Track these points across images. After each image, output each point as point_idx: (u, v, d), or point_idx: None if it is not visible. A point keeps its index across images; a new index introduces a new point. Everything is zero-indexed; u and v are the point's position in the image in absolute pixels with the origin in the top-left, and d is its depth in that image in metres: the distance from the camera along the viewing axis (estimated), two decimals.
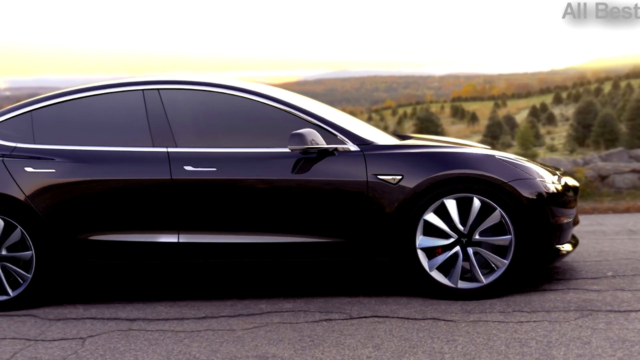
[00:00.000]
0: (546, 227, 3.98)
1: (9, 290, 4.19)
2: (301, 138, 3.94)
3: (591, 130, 61.87)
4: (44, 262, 4.15)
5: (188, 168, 4.09)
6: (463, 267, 3.99)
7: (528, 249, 3.94)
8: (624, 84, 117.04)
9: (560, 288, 4.10)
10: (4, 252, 4.19)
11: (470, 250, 3.97)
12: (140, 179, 4.10)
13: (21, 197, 4.14)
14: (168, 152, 4.13)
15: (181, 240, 4.10)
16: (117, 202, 4.11)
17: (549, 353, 3.06)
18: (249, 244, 4.08)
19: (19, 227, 4.15)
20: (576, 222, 4.46)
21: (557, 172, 4.42)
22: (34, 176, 4.15)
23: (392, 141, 4.46)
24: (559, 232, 4.11)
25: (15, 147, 4.25)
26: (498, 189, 3.92)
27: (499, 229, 3.97)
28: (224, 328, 3.66)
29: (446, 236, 3.98)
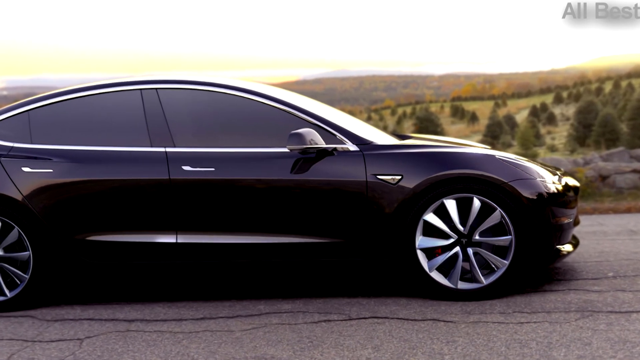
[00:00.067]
0: (547, 227, 3.97)
1: (6, 291, 4.17)
2: (300, 138, 3.92)
3: (592, 130, 61.90)
4: (41, 262, 4.13)
5: (186, 168, 4.07)
6: (463, 267, 3.98)
7: (528, 249, 3.92)
8: (625, 83, 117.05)
9: (561, 289, 4.09)
10: (1, 252, 4.17)
11: (470, 251, 3.96)
12: (138, 179, 4.09)
13: (18, 197, 4.12)
14: (166, 152, 4.12)
15: (179, 240, 4.09)
16: (115, 203, 4.10)
17: (549, 354, 3.05)
18: (247, 244, 4.06)
19: (16, 227, 4.13)
20: (577, 222, 4.45)
21: (558, 172, 4.40)
22: (31, 176, 4.14)
23: (392, 141, 4.45)
24: (560, 233, 4.10)
25: (12, 147, 4.23)
26: (498, 189, 3.91)
27: (499, 229, 3.96)
28: (222, 329, 3.65)
29: (446, 236, 3.97)
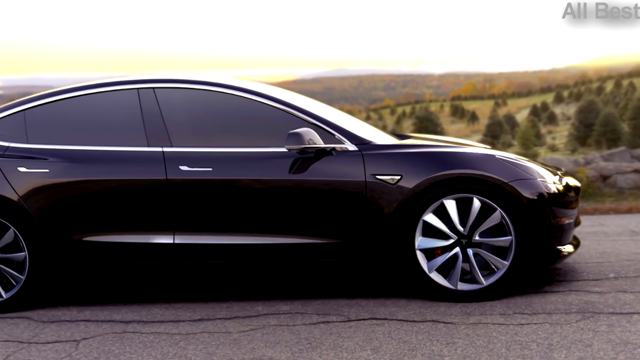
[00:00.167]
0: (547, 228, 3.96)
1: (2, 292, 4.15)
2: (298, 137, 3.91)
3: (593, 130, 61.88)
4: (37, 263, 4.12)
5: (184, 168, 4.06)
6: (463, 268, 3.97)
7: (529, 250, 3.91)
8: (626, 82, 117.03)
9: (562, 290, 4.08)
10: None
11: (470, 252, 3.95)
12: (135, 179, 4.07)
13: (14, 197, 4.10)
14: (163, 151, 4.10)
15: (177, 241, 4.07)
16: (112, 203, 4.08)
17: (550, 356, 3.04)
18: (245, 245, 4.05)
19: (12, 228, 4.12)
20: (577, 222, 4.45)
21: (558, 172, 4.40)
22: (27, 176, 4.12)
23: (391, 141, 4.44)
24: (560, 233, 4.09)
25: (8, 147, 4.21)
26: (498, 189, 3.90)
27: (499, 229, 3.95)
28: (220, 330, 3.64)
29: (446, 237, 3.96)
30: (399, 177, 3.95)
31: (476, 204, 3.91)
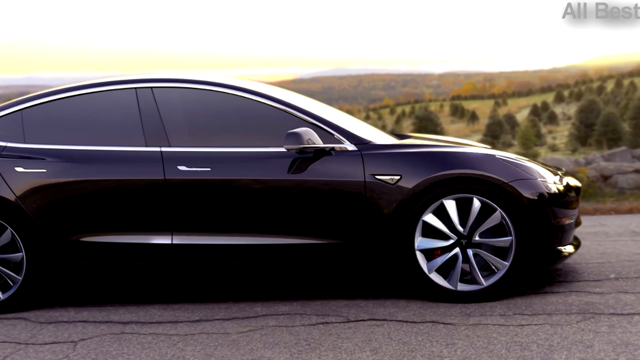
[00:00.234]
0: (547, 228, 3.94)
1: None
2: (297, 137, 3.89)
3: (593, 130, 61.87)
4: (34, 264, 4.10)
5: (182, 168, 4.04)
6: (463, 269, 3.95)
7: (529, 250, 3.90)
8: (627, 82, 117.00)
9: (562, 290, 4.07)
10: None
11: (470, 252, 3.93)
12: (133, 179, 4.06)
13: (11, 197, 4.09)
14: (161, 151, 4.09)
15: (175, 241, 4.05)
16: (110, 203, 4.06)
17: (550, 357, 3.03)
18: (244, 245, 4.03)
19: (9, 228, 4.10)
20: (578, 223, 4.44)
21: (559, 172, 4.39)
22: (25, 176, 4.10)
23: (391, 140, 4.42)
24: (561, 234, 4.07)
25: (5, 147, 4.20)
26: (498, 189, 3.88)
27: (499, 230, 3.94)
28: (218, 331, 3.63)
29: (445, 237, 3.94)
30: (398, 177, 3.94)
31: (476, 204, 3.89)
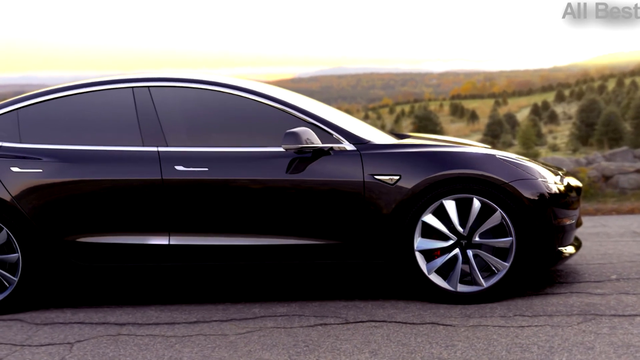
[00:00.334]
0: (548, 228, 3.93)
1: None
2: (296, 137, 3.87)
3: (594, 129, 61.81)
4: (30, 264, 4.08)
5: (179, 168, 4.02)
6: (462, 270, 3.94)
7: (529, 251, 3.88)
8: (628, 81, 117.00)
9: (563, 292, 4.06)
10: None
11: (470, 253, 3.92)
12: (130, 179, 4.04)
13: (7, 197, 4.07)
14: (158, 151, 4.07)
15: (172, 242, 4.04)
16: (106, 203, 4.05)
17: (551, 358, 3.02)
18: (241, 246, 4.02)
19: (5, 228, 4.08)
20: (579, 223, 4.42)
21: (560, 172, 4.38)
22: (21, 176, 4.08)
23: (390, 140, 4.41)
24: (562, 234, 4.06)
25: (0, 147, 4.18)
26: (498, 189, 3.86)
27: (499, 230, 3.92)
28: (216, 333, 3.62)
29: (445, 238, 3.93)
30: (397, 177, 3.92)
31: (476, 204, 3.88)
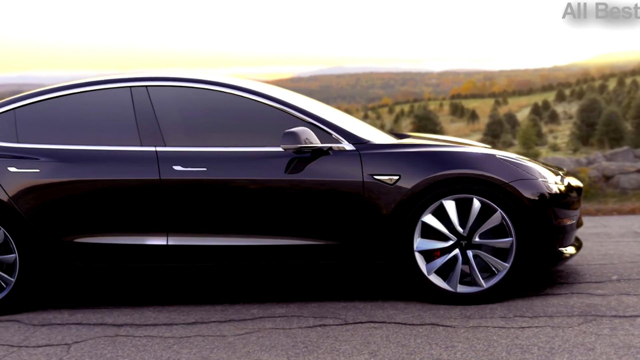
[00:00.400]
0: (549, 229, 3.91)
1: None
2: (294, 137, 3.86)
3: (595, 129, 61.77)
4: (28, 265, 4.06)
5: (177, 168, 4.01)
6: (462, 270, 3.93)
7: (530, 251, 3.87)
8: (629, 80, 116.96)
9: (563, 292, 4.04)
10: None
11: (470, 253, 3.90)
12: (128, 179, 4.03)
13: (4, 198, 4.06)
14: (156, 151, 4.05)
15: (170, 242, 4.03)
16: (104, 204, 4.03)
17: None
18: (240, 246, 4.00)
19: (2, 229, 4.06)
20: (580, 224, 4.42)
21: (560, 172, 4.37)
22: (18, 176, 4.07)
23: (389, 140, 4.39)
24: (562, 235, 4.05)
25: None
26: (499, 189, 3.85)
27: (499, 231, 3.91)
28: (214, 334, 3.60)
29: (445, 238, 3.91)
30: (397, 177, 3.90)
31: (476, 204, 3.86)
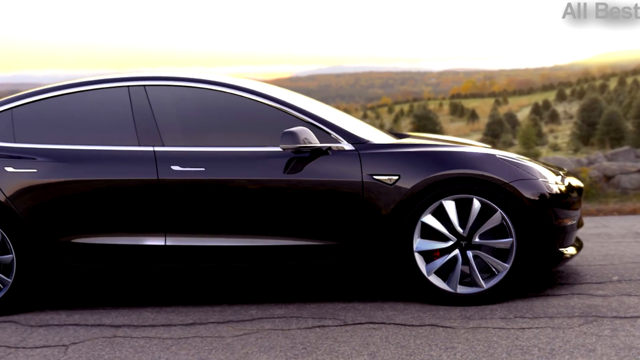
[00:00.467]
0: (549, 229, 3.90)
1: None
2: (293, 137, 3.85)
3: (596, 129, 61.80)
4: (25, 266, 4.05)
5: (175, 168, 3.99)
6: (462, 271, 3.92)
7: (530, 252, 3.85)
8: (630, 80, 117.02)
9: (564, 293, 4.03)
10: None
11: (470, 254, 3.89)
12: (126, 179, 4.01)
13: (1, 198, 4.05)
14: (154, 151, 4.04)
15: (168, 243, 4.01)
16: (102, 204, 4.02)
17: None
18: (238, 247, 3.99)
19: None
20: (580, 224, 4.41)
21: (561, 172, 4.36)
22: (15, 176, 4.06)
23: (389, 140, 4.38)
24: (563, 235, 4.04)
25: None
26: (499, 189, 3.84)
27: (499, 231, 3.90)
28: (212, 335, 3.60)
29: (445, 239, 3.90)
30: (396, 178, 3.89)
31: (476, 204, 3.85)
